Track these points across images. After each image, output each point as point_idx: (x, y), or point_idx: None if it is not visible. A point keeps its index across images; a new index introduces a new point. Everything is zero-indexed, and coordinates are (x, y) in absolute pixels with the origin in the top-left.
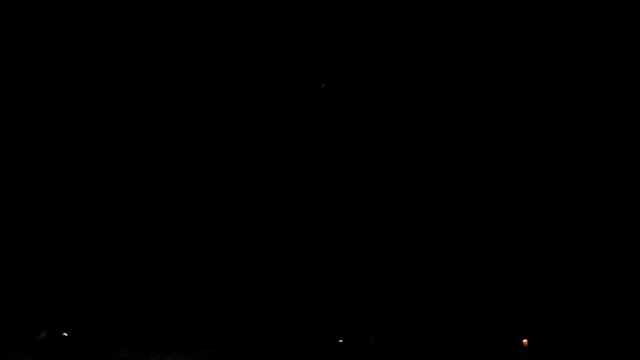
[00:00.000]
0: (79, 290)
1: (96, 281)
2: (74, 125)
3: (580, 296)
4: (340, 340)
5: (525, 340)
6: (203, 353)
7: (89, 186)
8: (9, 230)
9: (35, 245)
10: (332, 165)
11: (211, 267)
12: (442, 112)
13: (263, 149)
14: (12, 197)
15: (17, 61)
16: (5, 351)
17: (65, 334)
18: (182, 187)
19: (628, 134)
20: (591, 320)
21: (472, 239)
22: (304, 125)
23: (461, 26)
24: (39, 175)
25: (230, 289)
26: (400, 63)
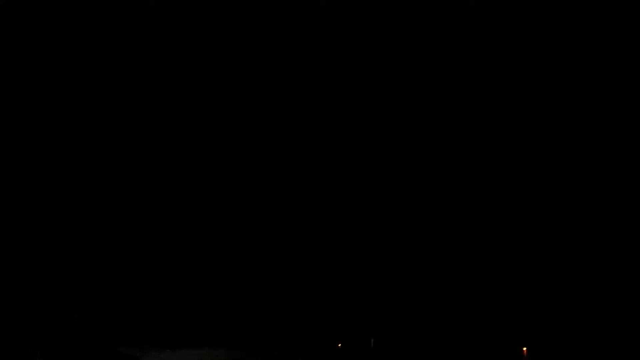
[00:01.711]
0: (79, 290)
1: (95, 281)
2: (74, 125)
3: (579, 296)
4: (340, 344)
5: (524, 349)
6: (198, 350)
7: (88, 186)
8: (9, 231)
9: (33, 247)
10: (331, 165)
11: (211, 266)
12: (442, 112)
13: (262, 149)
14: (11, 198)
15: (17, 61)
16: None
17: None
18: (182, 187)
19: (628, 134)
20: (591, 321)
21: (472, 239)
22: (304, 126)
23: (461, 26)
24: (38, 175)
25: (230, 288)
26: (400, 63)
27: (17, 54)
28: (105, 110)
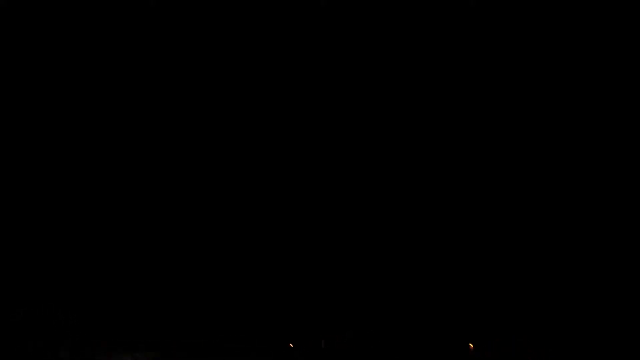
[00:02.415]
0: (79, 290)
1: (94, 281)
2: (73, 124)
3: (579, 296)
4: (291, 345)
5: (471, 345)
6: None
7: (89, 189)
8: (9, 231)
9: (33, 247)
10: (330, 165)
11: (203, 268)
12: (441, 112)
13: (262, 149)
14: (11, 198)
15: (17, 61)
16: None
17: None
18: (179, 192)
19: (628, 134)
20: (590, 320)
21: (472, 239)
22: (304, 126)
23: (461, 26)
24: (38, 175)
25: (226, 288)
26: (400, 63)
27: (17, 54)
28: (105, 110)
